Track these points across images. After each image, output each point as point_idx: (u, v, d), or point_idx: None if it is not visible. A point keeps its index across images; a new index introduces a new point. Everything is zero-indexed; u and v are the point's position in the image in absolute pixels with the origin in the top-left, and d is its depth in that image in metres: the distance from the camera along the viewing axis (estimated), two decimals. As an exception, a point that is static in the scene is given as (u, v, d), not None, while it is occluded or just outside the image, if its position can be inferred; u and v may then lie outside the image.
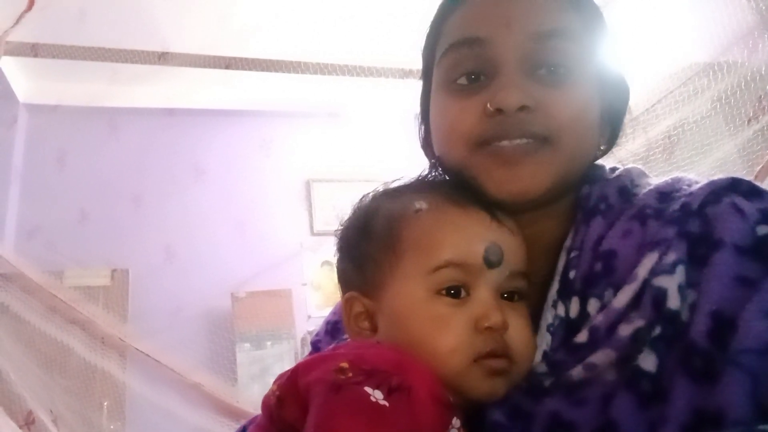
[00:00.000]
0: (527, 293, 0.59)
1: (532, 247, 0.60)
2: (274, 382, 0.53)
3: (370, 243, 0.60)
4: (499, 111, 0.59)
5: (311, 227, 3.80)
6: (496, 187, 0.59)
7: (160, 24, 2.82)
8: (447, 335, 0.53)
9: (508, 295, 0.57)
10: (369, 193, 0.66)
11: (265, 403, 0.53)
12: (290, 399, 0.50)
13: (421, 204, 0.58)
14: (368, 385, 0.47)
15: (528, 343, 0.56)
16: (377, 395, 0.46)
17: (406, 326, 0.55)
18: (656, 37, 2.01)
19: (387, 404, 0.46)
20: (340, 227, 0.66)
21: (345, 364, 0.49)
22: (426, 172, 0.66)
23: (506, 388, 0.54)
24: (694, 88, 1.71)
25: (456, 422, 0.50)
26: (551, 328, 0.56)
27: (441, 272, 0.55)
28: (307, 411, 0.47)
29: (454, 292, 0.55)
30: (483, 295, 0.55)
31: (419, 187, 0.63)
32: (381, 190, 0.65)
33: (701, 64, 1.73)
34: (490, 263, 0.55)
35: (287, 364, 3.28)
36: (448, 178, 0.64)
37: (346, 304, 0.61)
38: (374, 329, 0.59)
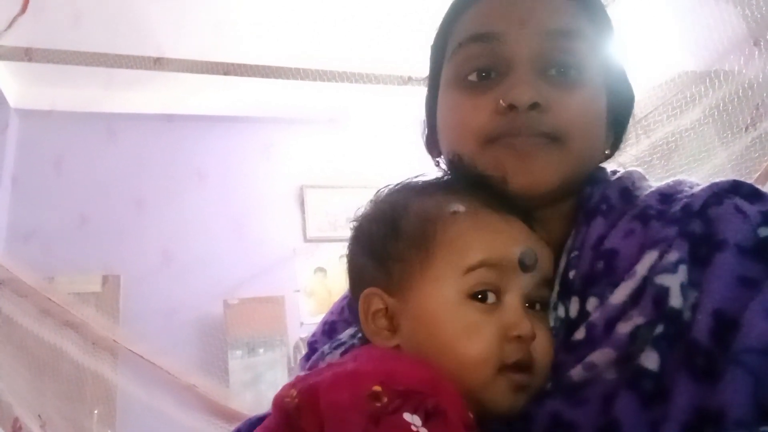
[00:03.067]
0: (548, 303, 0.58)
1: None
2: (293, 386, 0.50)
3: (399, 241, 0.58)
4: (511, 107, 0.59)
5: (304, 233, 3.79)
6: (508, 179, 0.59)
7: (156, 29, 2.82)
8: (476, 343, 0.52)
9: (529, 305, 0.57)
10: (387, 187, 0.64)
11: (280, 406, 0.51)
12: (310, 414, 0.48)
13: (458, 206, 0.57)
14: (406, 411, 0.45)
15: (550, 354, 0.55)
16: (416, 422, 0.44)
17: (434, 330, 0.54)
18: (652, 45, 2.03)
19: (427, 431, 0.44)
20: (358, 219, 0.64)
21: (378, 388, 0.46)
22: (443, 173, 0.65)
23: (525, 403, 0.53)
24: (691, 95, 1.73)
25: None
26: (553, 331, 0.56)
27: (474, 273, 0.54)
28: (323, 428, 0.46)
29: (483, 296, 0.54)
30: (513, 302, 0.54)
31: (452, 187, 0.61)
32: (404, 185, 0.64)
33: (698, 73, 1.76)
34: (525, 266, 0.54)
35: (280, 372, 3.28)
36: (452, 176, 0.64)
37: (364, 300, 0.59)
38: (392, 329, 0.57)
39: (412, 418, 0.44)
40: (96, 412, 2.46)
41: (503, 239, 0.55)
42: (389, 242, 0.59)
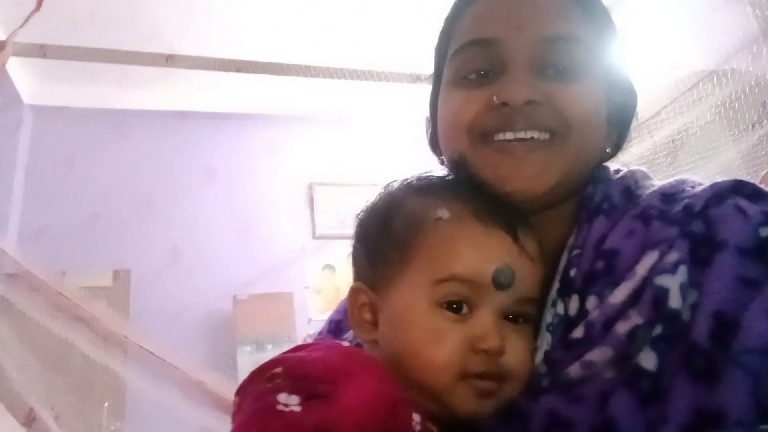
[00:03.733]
0: (533, 317, 0.58)
1: None
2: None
3: (386, 240, 0.59)
4: (504, 105, 0.59)
5: (313, 231, 3.80)
6: (501, 183, 0.59)
7: (168, 26, 2.84)
8: (440, 350, 0.53)
9: (512, 317, 0.56)
10: (397, 181, 0.65)
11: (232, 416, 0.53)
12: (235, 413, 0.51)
13: (442, 212, 0.57)
14: (286, 392, 0.47)
15: (523, 368, 0.55)
16: (291, 401, 0.46)
17: (403, 333, 0.55)
18: (661, 45, 2.01)
19: (299, 410, 0.46)
20: (363, 211, 0.65)
21: (278, 370, 0.49)
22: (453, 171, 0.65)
23: (493, 408, 0.53)
24: (698, 94, 1.72)
25: (416, 417, 0.51)
26: (550, 328, 0.56)
27: (445, 285, 0.55)
28: None
29: (456, 306, 0.54)
30: (485, 315, 0.54)
31: (447, 191, 0.61)
32: (406, 182, 0.64)
33: (706, 71, 1.74)
34: (499, 285, 0.54)
35: (288, 368, 3.30)
36: (453, 176, 0.64)
37: (352, 293, 0.61)
38: (376, 324, 0.59)
39: (288, 398, 0.46)
40: (106, 405, 2.49)
41: (479, 255, 0.55)
42: (379, 239, 0.60)
